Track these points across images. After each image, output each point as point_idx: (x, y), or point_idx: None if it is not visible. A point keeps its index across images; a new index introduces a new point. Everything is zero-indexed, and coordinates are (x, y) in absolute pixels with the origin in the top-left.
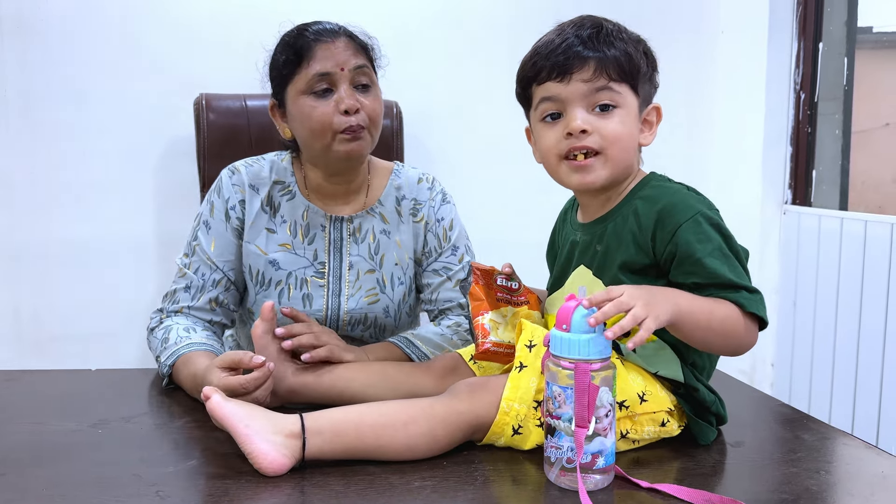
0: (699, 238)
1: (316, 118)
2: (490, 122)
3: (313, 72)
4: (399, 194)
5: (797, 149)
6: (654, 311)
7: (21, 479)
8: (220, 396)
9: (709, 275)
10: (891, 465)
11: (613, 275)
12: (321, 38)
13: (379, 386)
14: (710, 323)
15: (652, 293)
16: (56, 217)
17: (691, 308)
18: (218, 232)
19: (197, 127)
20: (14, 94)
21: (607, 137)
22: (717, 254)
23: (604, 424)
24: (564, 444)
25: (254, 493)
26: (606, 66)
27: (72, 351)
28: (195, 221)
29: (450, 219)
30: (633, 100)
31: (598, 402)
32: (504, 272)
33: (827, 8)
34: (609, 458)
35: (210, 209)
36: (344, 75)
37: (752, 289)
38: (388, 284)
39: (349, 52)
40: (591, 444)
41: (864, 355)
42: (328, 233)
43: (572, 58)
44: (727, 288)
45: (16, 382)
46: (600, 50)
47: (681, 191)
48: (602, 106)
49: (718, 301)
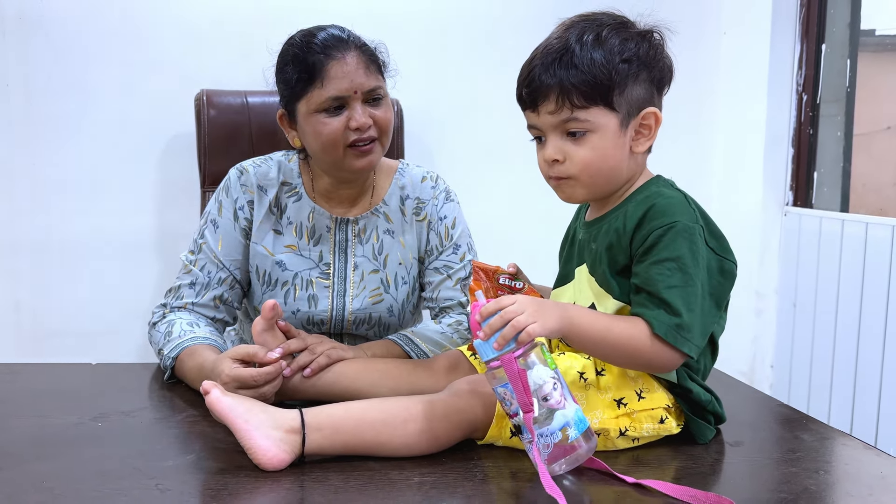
0: (663, 245)
1: (328, 135)
2: (490, 120)
3: (328, 94)
4: (403, 194)
5: (798, 150)
6: (540, 318)
7: (21, 472)
8: (219, 391)
9: (645, 280)
10: (890, 465)
11: (602, 273)
12: (332, 55)
13: (380, 383)
14: (606, 339)
15: (543, 304)
16: (56, 212)
17: (583, 322)
18: (226, 231)
19: (198, 123)
20: (15, 89)
21: (577, 165)
22: (669, 264)
23: (555, 398)
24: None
25: (253, 488)
26: (569, 95)
27: (71, 346)
28: (202, 219)
29: (452, 217)
30: (608, 118)
31: (536, 381)
32: (508, 272)
33: (830, 10)
34: (580, 426)
35: (218, 208)
36: (357, 97)
37: (679, 311)
38: (391, 284)
39: (361, 69)
40: (554, 421)
41: (864, 357)
42: (333, 234)
43: (536, 89)
44: (654, 299)
45: (17, 376)
46: (560, 77)
47: (673, 198)
48: (572, 132)
49: (625, 319)
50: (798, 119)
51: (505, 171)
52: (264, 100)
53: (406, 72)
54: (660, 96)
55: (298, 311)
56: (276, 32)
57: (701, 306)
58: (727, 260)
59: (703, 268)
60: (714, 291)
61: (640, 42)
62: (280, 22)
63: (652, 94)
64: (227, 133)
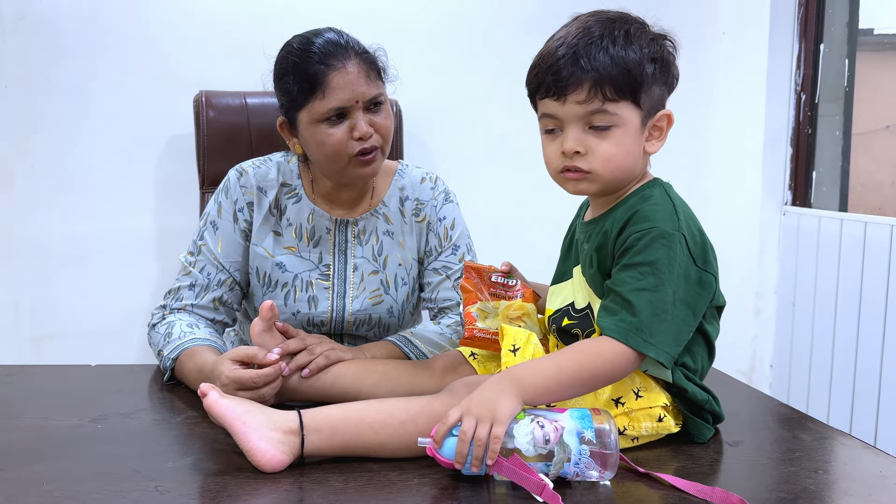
0: (639, 248)
1: (331, 145)
2: (490, 120)
3: (329, 105)
4: (402, 195)
5: (797, 150)
6: (494, 413)
7: (21, 473)
8: (216, 393)
9: (616, 281)
10: (889, 464)
11: (592, 274)
12: (332, 64)
13: (378, 384)
14: (561, 379)
15: (483, 396)
16: (55, 213)
17: (535, 379)
18: (225, 233)
19: (196, 124)
20: (14, 89)
21: (599, 159)
22: (642, 268)
23: (551, 433)
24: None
25: (252, 490)
26: (602, 86)
27: (70, 347)
28: (202, 221)
29: (451, 218)
30: (633, 115)
31: (527, 443)
32: (501, 270)
33: (828, 9)
34: (585, 422)
35: (218, 209)
36: (358, 106)
37: (640, 312)
38: (391, 285)
39: (362, 78)
40: (570, 445)
41: (863, 356)
42: (333, 235)
43: (567, 77)
44: (619, 299)
45: (15, 377)
46: (595, 67)
47: (661, 204)
48: (595, 126)
49: (569, 349)
50: (797, 118)
51: (504, 170)
52: (263, 101)
53: (405, 72)
54: (667, 99)
55: (298, 312)
56: (276, 33)
57: (672, 313)
58: (707, 272)
59: (679, 275)
60: (689, 300)
61: (661, 44)
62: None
63: (664, 97)
64: (226, 134)
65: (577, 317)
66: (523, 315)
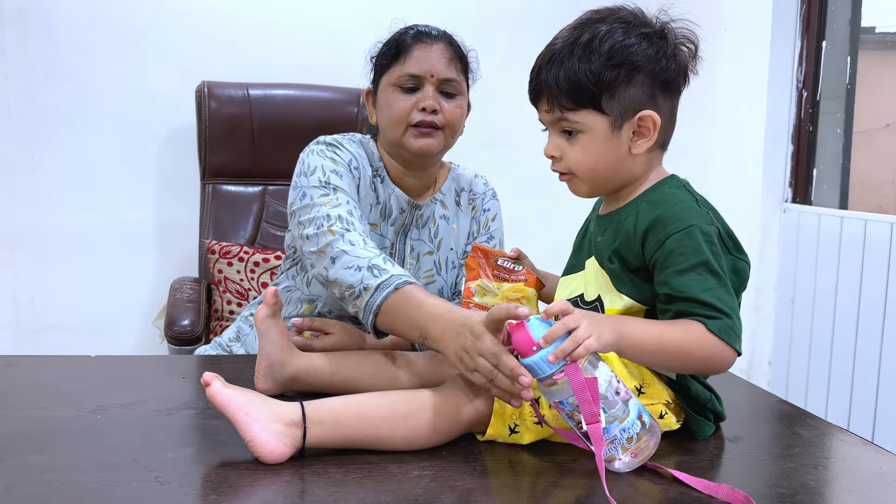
0: (684, 251)
1: (396, 108)
2: (490, 119)
3: (406, 71)
4: (458, 187)
5: (798, 147)
6: (596, 332)
7: (21, 463)
8: (220, 383)
9: (678, 289)
10: (888, 461)
11: (613, 269)
12: (422, 39)
13: (380, 375)
14: (661, 346)
15: (597, 318)
16: (56, 204)
17: (636, 334)
18: (347, 180)
19: (198, 115)
20: (15, 80)
21: (572, 163)
22: (700, 269)
23: (624, 389)
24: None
25: (253, 480)
26: (559, 97)
27: (70, 338)
28: (314, 173)
29: (494, 212)
30: (598, 121)
31: (602, 382)
32: (510, 256)
33: (831, 7)
34: (646, 413)
35: (333, 161)
36: (432, 81)
37: (726, 311)
38: (443, 267)
39: (444, 60)
40: (631, 412)
41: (862, 353)
42: (404, 217)
43: (535, 87)
44: (695, 304)
45: (15, 368)
46: (550, 79)
47: (685, 201)
48: (566, 131)
49: (676, 323)
50: (798, 116)
51: (504, 170)
52: (266, 92)
53: None
54: (667, 96)
55: None
56: (278, 24)
57: (734, 305)
58: (740, 259)
59: (727, 268)
60: (735, 288)
61: (640, 43)
62: (282, 14)
63: (652, 95)
64: (227, 125)
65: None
66: (522, 298)
